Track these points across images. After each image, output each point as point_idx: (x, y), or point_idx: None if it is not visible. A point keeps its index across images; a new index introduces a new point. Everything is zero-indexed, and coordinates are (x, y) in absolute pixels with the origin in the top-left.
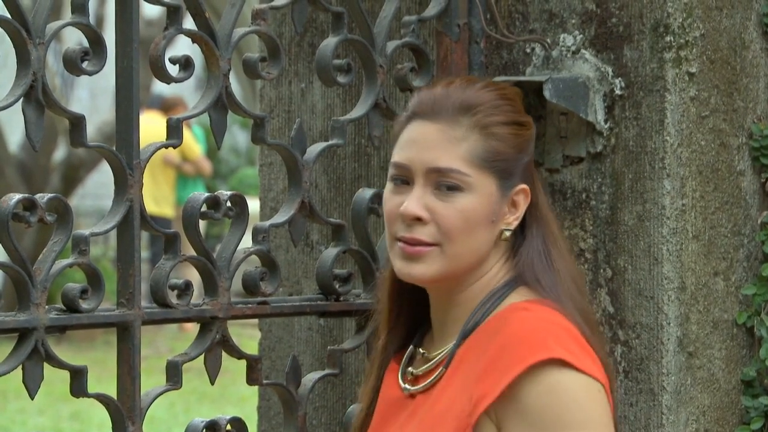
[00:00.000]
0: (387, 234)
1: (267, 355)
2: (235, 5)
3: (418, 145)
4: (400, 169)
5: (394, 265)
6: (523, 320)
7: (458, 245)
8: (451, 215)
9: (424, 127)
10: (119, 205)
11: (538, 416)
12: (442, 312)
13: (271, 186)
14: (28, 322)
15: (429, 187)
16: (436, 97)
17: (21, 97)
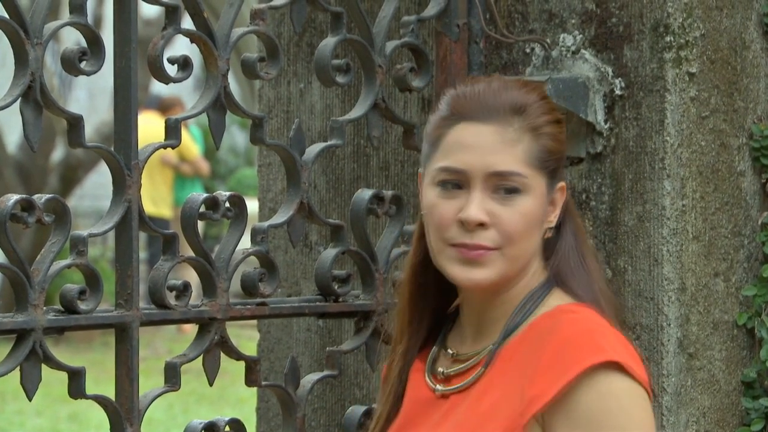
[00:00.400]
0: (435, 240)
1: (266, 356)
2: (233, 5)
3: (473, 149)
4: (454, 174)
5: (450, 270)
6: (575, 322)
7: (518, 248)
8: (513, 219)
9: (476, 130)
10: (117, 206)
11: (587, 419)
12: (480, 312)
13: (269, 186)
14: (26, 323)
15: (488, 191)
16: (483, 98)
17: (19, 97)
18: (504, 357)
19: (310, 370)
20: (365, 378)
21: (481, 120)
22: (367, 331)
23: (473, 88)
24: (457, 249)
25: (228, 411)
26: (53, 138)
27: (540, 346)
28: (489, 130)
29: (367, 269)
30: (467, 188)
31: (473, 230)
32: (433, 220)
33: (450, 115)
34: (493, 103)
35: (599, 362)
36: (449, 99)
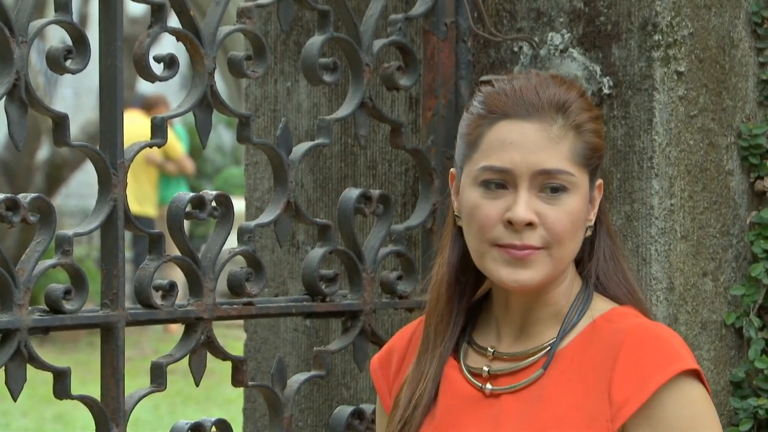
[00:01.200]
0: (478, 241)
1: (252, 356)
2: (220, 3)
3: (518, 147)
4: (498, 173)
5: (496, 272)
6: (643, 328)
7: (564, 248)
8: (561, 218)
9: (520, 128)
10: (103, 205)
11: (671, 427)
12: (524, 312)
13: (256, 186)
14: (10, 323)
15: (534, 190)
16: (524, 96)
17: (4, 95)
18: (565, 359)
19: (298, 370)
20: (352, 378)
21: (523, 117)
22: (355, 331)
23: (511, 85)
24: (504, 249)
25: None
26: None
27: (611, 351)
28: (533, 127)
29: (354, 269)
30: (512, 188)
31: (521, 230)
32: (477, 220)
33: (489, 113)
34: (535, 100)
35: (683, 370)
36: (486, 97)
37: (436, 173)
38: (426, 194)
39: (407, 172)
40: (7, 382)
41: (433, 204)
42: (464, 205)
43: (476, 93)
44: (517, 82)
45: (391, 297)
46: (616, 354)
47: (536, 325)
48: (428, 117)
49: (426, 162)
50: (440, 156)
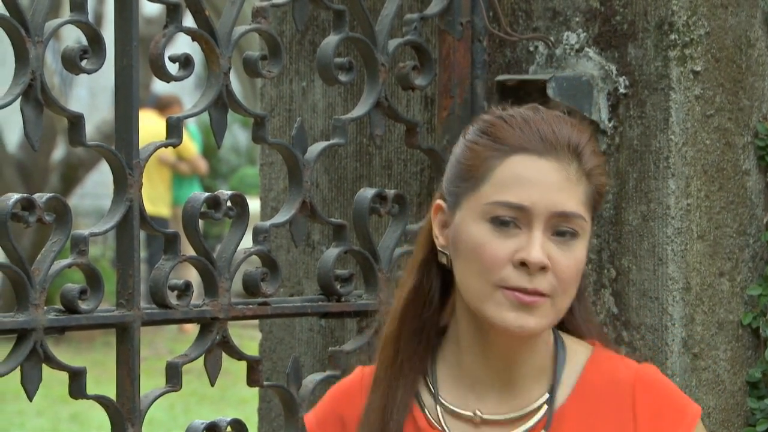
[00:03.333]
0: (481, 282)
1: (268, 356)
2: (235, 3)
3: (537, 185)
4: (513, 211)
5: (498, 316)
6: (646, 372)
7: (567, 297)
8: (570, 265)
9: (539, 165)
10: (119, 205)
11: None
12: (506, 365)
13: (271, 185)
14: (26, 323)
15: (547, 232)
16: (541, 132)
17: (19, 95)
18: (569, 418)
19: (313, 370)
20: None
21: (541, 154)
22: (370, 331)
23: (522, 118)
24: (512, 293)
25: (230, 411)
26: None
27: (622, 401)
28: (552, 166)
29: (369, 269)
30: (525, 227)
31: (533, 274)
32: (482, 259)
33: (500, 146)
34: (552, 138)
35: (699, 413)
36: (493, 127)
37: None
38: None
39: (422, 171)
40: (22, 382)
41: None
42: (464, 241)
43: (476, 122)
44: (527, 114)
45: None
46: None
47: (521, 380)
48: (443, 117)
49: (441, 162)
50: None
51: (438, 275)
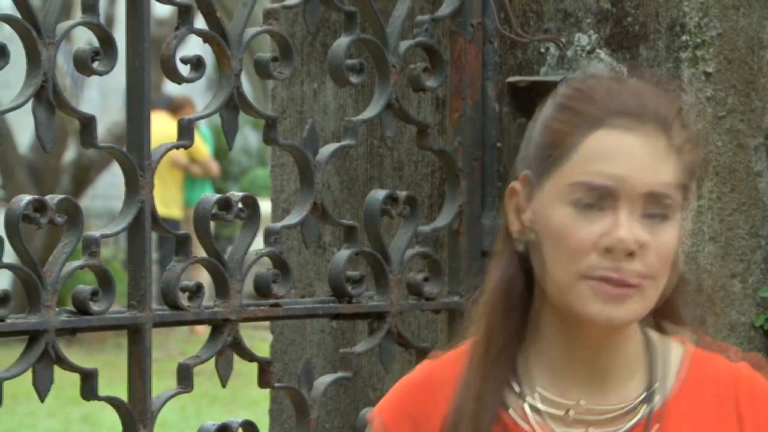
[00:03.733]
0: (565, 271)
1: (279, 357)
2: (246, 5)
3: (623, 162)
4: (598, 191)
5: (584, 308)
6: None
7: (657, 285)
8: (662, 250)
9: (625, 139)
10: (130, 207)
11: None
12: (594, 359)
13: (282, 187)
14: (38, 325)
15: (635, 214)
16: (626, 104)
17: (31, 97)
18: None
19: (324, 372)
20: (379, 380)
21: (627, 128)
22: (381, 333)
23: (604, 88)
24: (598, 283)
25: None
26: (65, 138)
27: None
28: (639, 141)
29: (380, 270)
30: (611, 209)
31: (621, 261)
32: (566, 246)
33: (581, 120)
34: (637, 110)
35: None
36: (572, 100)
37: (463, 174)
38: (452, 196)
39: (434, 173)
40: (34, 383)
41: (459, 205)
42: (543, 228)
43: (554, 95)
44: (610, 84)
45: (418, 298)
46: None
47: (612, 376)
48: (455, 118)
49: (452, 163)
50: (467, 157)
51: (522, 265)
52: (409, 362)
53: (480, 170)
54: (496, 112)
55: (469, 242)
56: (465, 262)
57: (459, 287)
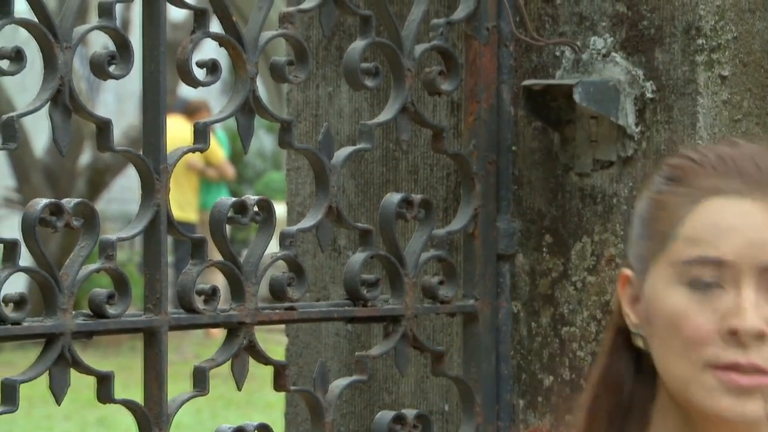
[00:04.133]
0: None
1: (294, 361)
2: (262, 8)
3: (741, 233)
4: (714, 267)
5: (712, 403)
6: None
7: None
8: None
9: (740, 208)
10: (146, 210)
11: None
12: None
13: (298, 190)
14: (55, 328)
15: (761, 291)
16: (741, 168)
17: (48, 101)
18: None
19: (339, 375)
20: (394, 383)
21: (742, 195)
22: (396, 336)
23: (715, 154)
24: (724, 373)
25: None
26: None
27: None
28: (757, 207)
29: (395, 273)
30: (732, 287)
31: (748, 345)
32: (685, 333)
33: (690, 189)
34: (755, 174)
35: None
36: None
37: (478, 178)
38: (467, 199)
39: (449, 176)
40: (51, 387)
41: (474, 209)
42: (658, 314)
43: (659, 168)
44: (722, 150)
45: (433, 302)
46: None
47: None
48: (470, 121)
49: (468, 167)
50: (482, 160)
51: (631, 359)
52: (424, 365)
53: (495, 173)
54: (511, 116)
55: (484, 245)
56: (480, 265)
57: (474, 290)
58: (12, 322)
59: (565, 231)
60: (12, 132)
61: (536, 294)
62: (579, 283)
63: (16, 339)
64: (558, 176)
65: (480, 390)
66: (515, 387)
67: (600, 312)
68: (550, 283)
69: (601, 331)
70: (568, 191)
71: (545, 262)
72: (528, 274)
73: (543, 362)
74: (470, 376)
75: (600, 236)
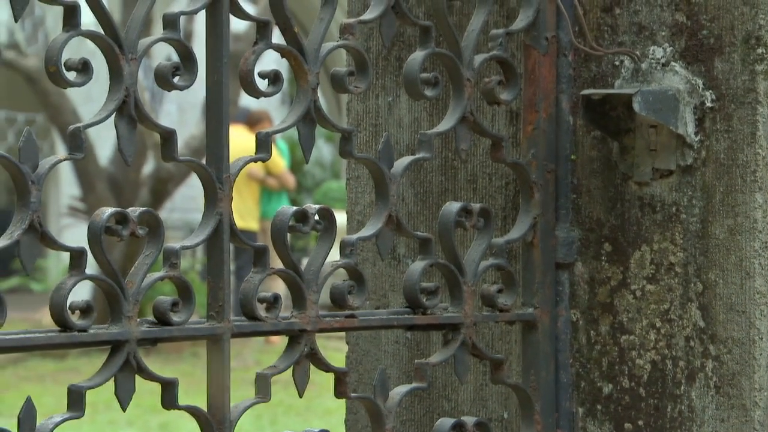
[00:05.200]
0: None
1: (354, 368)
2: (323, 20)
3: None
4: None
5: None
6: None
7: None
8: None
9: None
10: (209, 219)
11: None
12: None
13: (358, 199)
14: (120, 335)
15: None
16: None
17: (114, 111)
18: None
19: (398, 382)
20: (453, 390)
21: None
22: (456, 344)
23: None
24: None
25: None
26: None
27: None
28: None
29: (455, 282)
30: None
31: None
32: None
33: None
34: None
35: None
36: None
37: (537, 187)
38: (526, 208)
39: (507, 185)
40: (116, 393)
41: (533, 217)
42: None
43: None
44: None
45: (492, 310)
46: None
47: None
48: (529, 131)
49: (526, 175)
50: (541, 170)
51: None
52: (483, 373)
53: (554, 182)
54: (570, 125)
55: (543, 254)
56: (539, 273)
57: (533, 299)
58: (79, 329)
59: (624, 240)
60: (78, 142)
61: (595, 302)
62: (638, 292)
63: (82, 346)
64: (617, 185)
65: (539, 398)
66: (574, 395)
67: (659, 320)
68: (609, 291)
69: (660, 339)
70: (627, 200)
71: (604, 271)
72: (587, 283)
73: (602, 370)
74: (529, 384)
75: (659, 245)
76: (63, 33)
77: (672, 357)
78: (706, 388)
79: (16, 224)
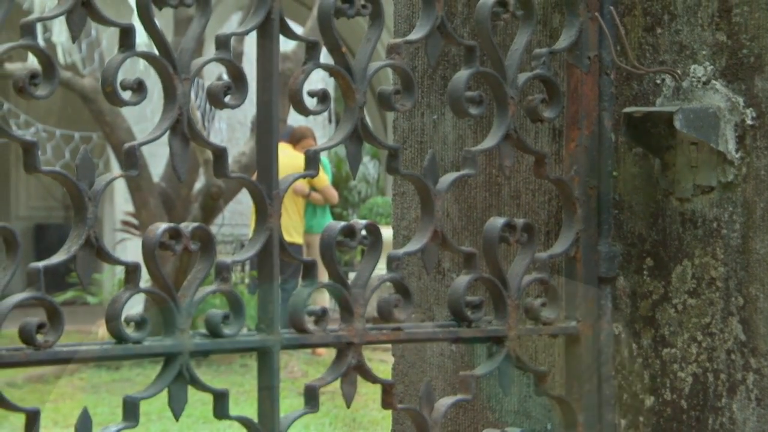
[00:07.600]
0: None
1: (400, 379)
2: (370, 40)
3: None
4: None
5: None
6: None
7: None
8: None
9: None
10: (260, 234)
11: None
12: None
13: (403, 215)
14: (173, 347)
15: None
16: None
17: (167, 130)
18: None
19: (444, 394)
20: (497, 401)
21: None
22: (500, 356)
23: None
24: None
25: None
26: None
27: None
28: None
29: (499, 296)
30: None
31: None
32: None
33: None
34: None
35: None
36: None
37: (579, 202)
38: (569, 223)
39: (550, 201)
40: (169, 403)
41: (576, 233)
42: None
43: None
44: None
45: (535, 323)
46: None
47: None
48: (571, 148)
49: (569, 192)
50: (583, 186)
51: None
52: (527, 385)
53: (596, 198)
54: (612, 142)
55: (586, 268)
56: (581, 288)
57: (576, 312)
58: (133, 341)
59: (666, 254)
60: (134, 159)
61: (637, 316)
62: (680, 306)
63: (137, 357)
64: (658, 201)
65: (582, 410)
66: (617, 407)
67: (700, 334)
68: (651, 305)
69: (701, 352)
70: (668, 215)
71: (646, 285)
72: (629, 297)
73: (644, 383)
74: (572, 396)
75: (700, 260)
76: (119, 54)
77: (713, 370)
78: (747, 401)
79: (73, 239)
